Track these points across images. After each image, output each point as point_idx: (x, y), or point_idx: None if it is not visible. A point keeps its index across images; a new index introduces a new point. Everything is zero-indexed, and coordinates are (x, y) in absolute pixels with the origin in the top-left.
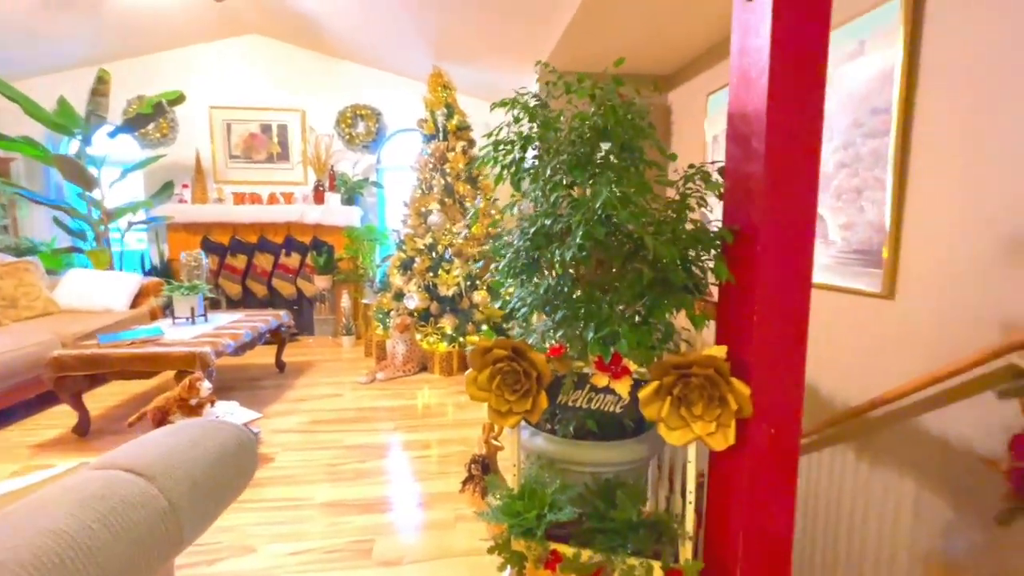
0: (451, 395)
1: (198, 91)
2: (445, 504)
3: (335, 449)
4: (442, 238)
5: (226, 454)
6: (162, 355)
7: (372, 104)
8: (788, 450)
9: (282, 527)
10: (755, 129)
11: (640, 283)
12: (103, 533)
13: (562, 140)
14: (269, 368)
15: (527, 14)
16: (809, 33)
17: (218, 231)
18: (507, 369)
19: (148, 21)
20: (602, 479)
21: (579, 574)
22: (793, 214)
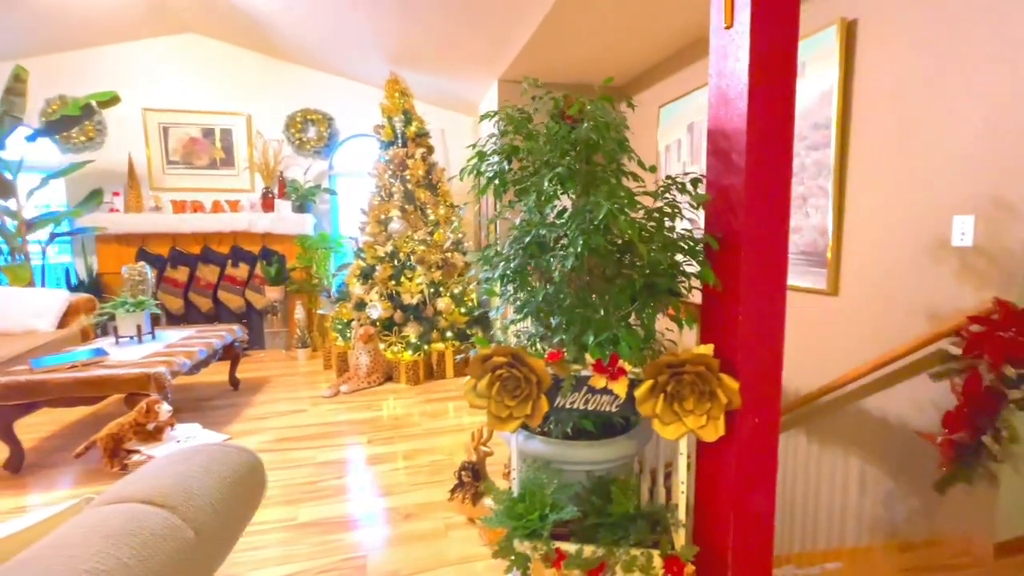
0: (419, 404)
1: (130, 92)
2: (433, 513)
3: (309, 467)
4: (403, 245)
5: (238, 478)
6: (111, 378)
7: (323, 109)
8: (770, 436)
9: (267, 551)
10: (735, 145)
11: (632, 288)
12: (139, 569)
13: (553, 153)
14: (222, 386)
15: (489, 27)
16: (782, 55)
17: (156, 242)
18: (507, 375)
19: (72, 15)
20: (595, 476)
21: (582, 569)
22: (772, 221)
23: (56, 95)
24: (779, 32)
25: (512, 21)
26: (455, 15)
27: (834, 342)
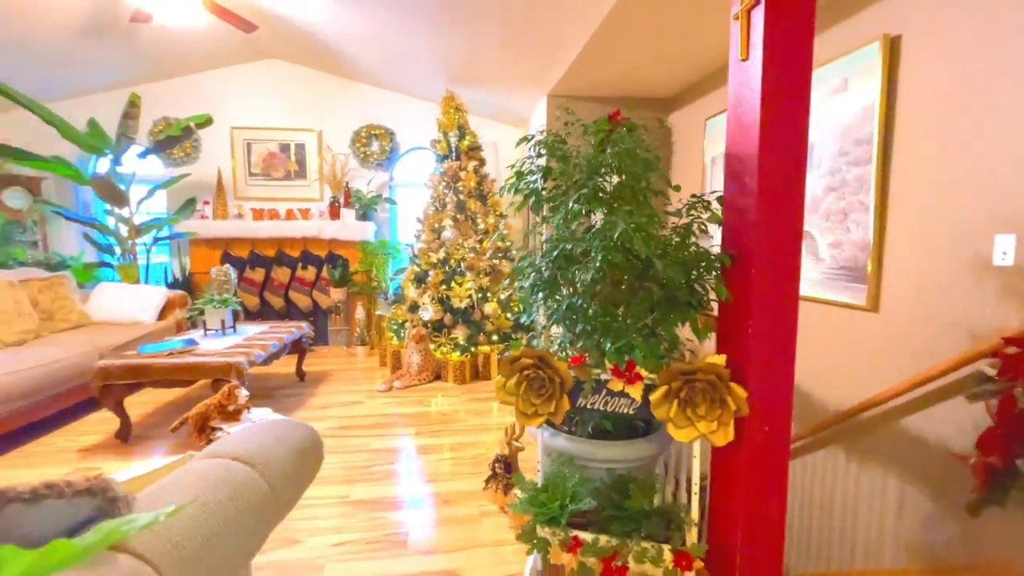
0: (464, 402)
1: (220, 112)
2: (469, 501)
3: (363, 452)
4: (455, 252)
5: (304, 448)
6: (200, 365)
7: (386, 124)
8: (780, 445)
9: (324, 521)
10: (748, 169)
11: (650, 300)
12: (231, 507)
13: (580, 174)
14: (290, 377)
15: (538, 47)
16: (793, 87)
17: (238, 245)
18: (533, 376)
19: (176, 47)
20: (616, 474)
21: (597, 557)
22: (782, 242)
23: (161, 117)
24: (791, 66)
25: (559, 42)
26: (506, 38)
27: (874, 359)
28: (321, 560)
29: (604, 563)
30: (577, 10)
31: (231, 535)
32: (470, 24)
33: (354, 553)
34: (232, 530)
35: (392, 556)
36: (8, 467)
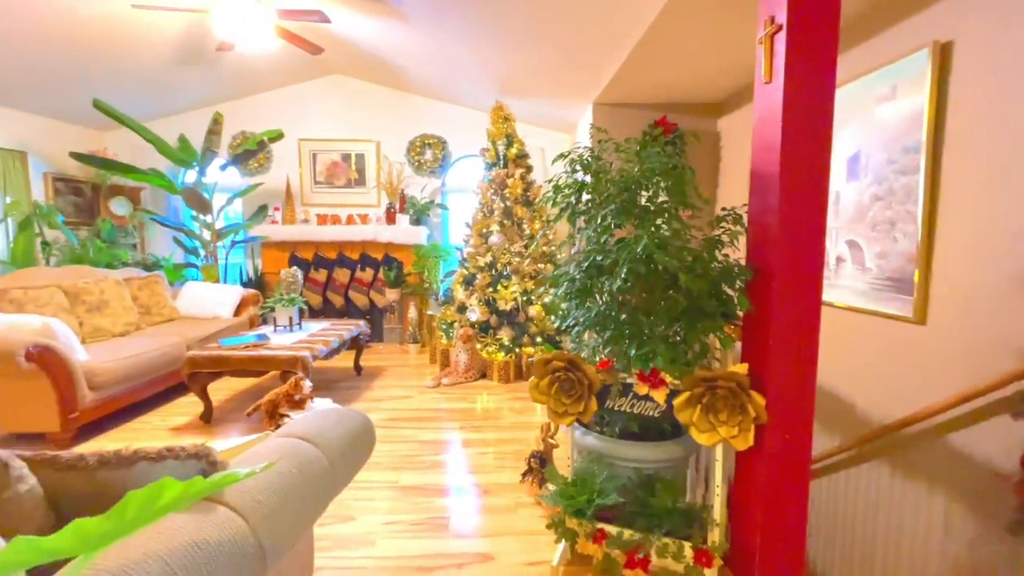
0: (508, 400)
1: (289, 125)
2: (507, 493)
3: (412, 443)
4: (501, 257)
5: (359, 432)
6: (271, 357)
7: (438, 133)
8: (801, 453)
9: (374, 503)
10: (770, 187)
11: (676, 310)
12: (299, 476)
13: (611, 189)
14: (348, 371)
15: (582, 60)
16: (815, 110)
17: (303, 248)
18: (564, 378)
19: (253, 69)
20: (644, 474)
21: (621, 549)
22: (803, 258)
23: (239, 131)
24: (812, 89)
25: (603, 55)
26: (551, 53)
27: (920, 372)
28: (372, 536)
29: (627, 555)
30: (620, 24)
31: (299, 499)
32: (517, 40)
33: (401, 532)
34: (300, 495)
35: (435, 537)
36: (115, 441)
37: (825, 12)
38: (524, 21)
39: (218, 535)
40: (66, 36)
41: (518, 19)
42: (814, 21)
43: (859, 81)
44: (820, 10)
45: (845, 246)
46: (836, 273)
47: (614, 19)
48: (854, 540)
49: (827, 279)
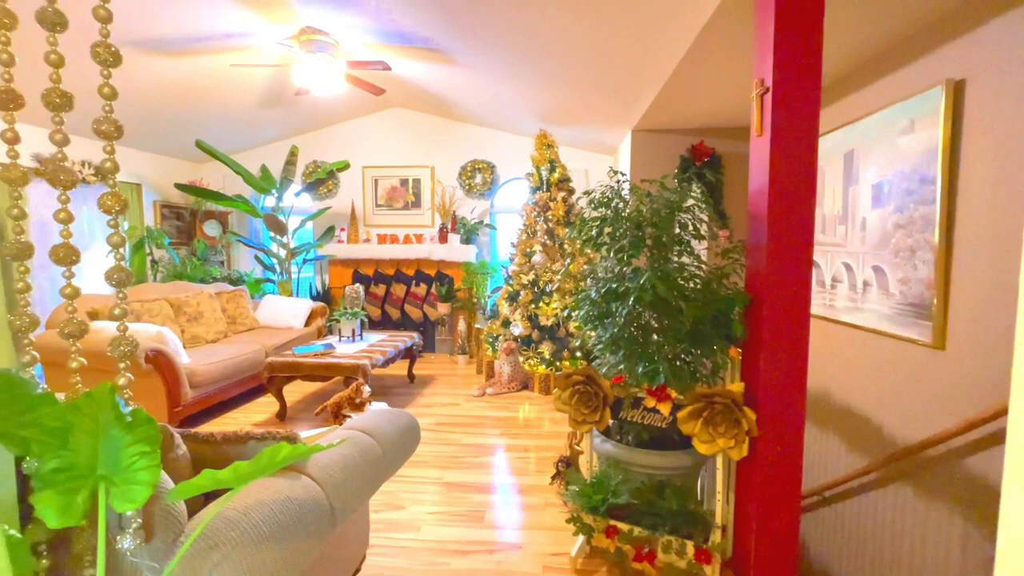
0: (548, 411)
1: (354, 154)
2: (537, 493)
3: (456, 445)
4: (543, 275)
5: (406, 429)
6: (337, 364)
7: (487, 158)
8: (792, 463)
9: (421, 495)
10: (760, 227)
11: (680, 332)
12: (361, 460)
13: (626, 224)
14: (402, 378)
15: (619, 92)
16: (799, 160)
17: (365, 265)
18: (582, 390)
19: (324, 107)
20: (656, 479)
21: (631, 544)
22: (788, 289)
23: (311, 161)
24: (796, 143)
25: (637, 88)
26: (589, 87)
27: (939, 397)
28: (418, 523)
29: (636, 550)
30: (651, 60)
31: (359, 476)
32: (556, 77)
33: (443, 521)
34: (359, 473)
35: (472, 527)
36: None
37: (807, 77)
38: (561, 61)
39: (303, 495)
40: (178, 88)
41: (556, 59)
42: (797, 85)
43: (881, 113)
44: (802, 76)
45: (871, 271)
46: (862, 297)
47: (645, 57)
48: (882, 561)
49: (853, 302)
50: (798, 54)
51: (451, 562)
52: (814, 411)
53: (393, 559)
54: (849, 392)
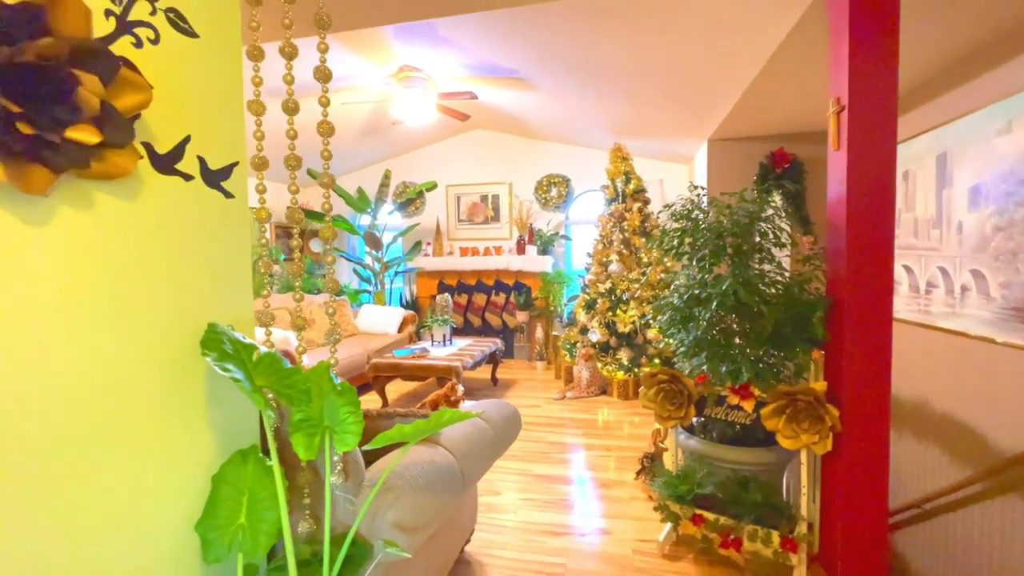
0: (626, 415)
1: (439, 174)
2: (622, 487)
3: (541, 443)
4: (620, 283)
5: (511, 416)
6: (433, 366)
7: (562, 172)
8: (876, 460)
9: (515, 483)
10: (840, 236)
11: (762, 335)
12: (478, 438)
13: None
14: (486, 381)
15: (693, 104)
16: (875, 174)
17: (449, 276)
18: (667, 388)
19: (413, 132)
20: (740, 475)
21: (716, 532)
22: (868, 294)
23: (401, 182)
24: (872, 157)
25: (712, 102)
26: (665, 100)
27: None
28: (513, 506)
29: (722, 537)
30: (728, 73)
31: (479, 450)
32: (629, 96)
33: (535, 506)
34: (478, 448)
35: (561, 512)
36: None
37: (883, 96)
38: (635, 79)
39: (441, 460)
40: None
41: (631, 77)
42: (872, 103)
43: (976, 114)
44: (878, 94)
45: (969, 275)
46: (960, 302)
47: (720, 73)
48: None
49: (950, 307)
50: (873, 73)
51: (546, 541)
52: (911, 420)
53: (495, 535)
54: (948, 400)
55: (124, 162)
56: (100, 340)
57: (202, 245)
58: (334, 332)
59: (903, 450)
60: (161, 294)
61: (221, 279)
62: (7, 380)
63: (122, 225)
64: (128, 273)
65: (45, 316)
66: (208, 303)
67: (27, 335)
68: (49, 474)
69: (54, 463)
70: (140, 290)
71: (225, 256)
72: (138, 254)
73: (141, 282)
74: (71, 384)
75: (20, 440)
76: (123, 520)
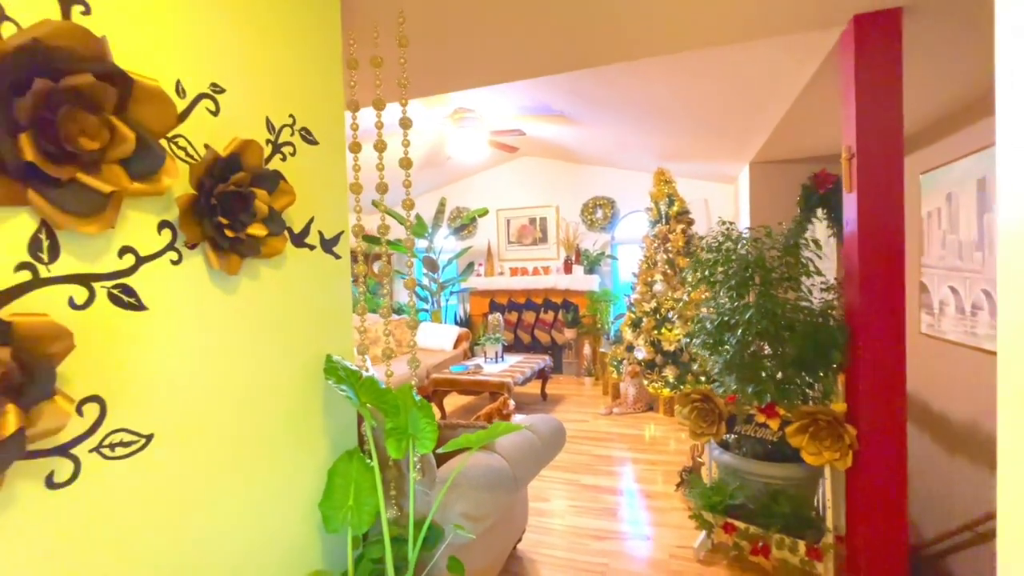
0: (673, 431)
1: (490, 199)
2: (663, 499)
3: (588, 456)
4: (665, 303)
5: (556, 429)
6: (487, 382)
7: (607, 194)
8: (895, 474)
9: (563, 491)
10: (853, 269)
11: (786, 360)
12: (526, 445)
13: (735, 266)
14: (535, 396)
15: (733, 132)
16: (883, 215)
17: (499, 295)
18: (700, 407)
19: (467, 163)
20: (771, 488)
21: (747, 540)
22: (881, 319)
23: (454, 207)
24: (881, 200)
25: (749, 132)
26: (704, 131)
27: None
28: (561, 512)
29: (752, 544)
30: (761, 109)
31: (528, 457)
32: (670, 124)
33: (581, 512)
34: (528, 456)
35: (606, 519)
36: None
37: (889, 144)
38: (676, 113)
39: (497, 464)
40: None
41: (672, 112)
42: (879, 152)
43: None
44: (884, 143)
45: None
46: None
47: (753, 108)
48: None
49: (995, 329)
50: (879, 124)
51: (590, 543)
52: (964, 441)
53: (544, 536)
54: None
55: (279, 244)
56: (259, 367)
57: (320, 296)
58: (414, 361)
59: (957, 472)
60: (295, 333)
61: (331, 319)
62: (216, 394)
63: (273, 288)
64: (275, 320)
65: (233, 354)
66: (323, 338)
67: (224, 366)
68: (227, 460)
69: (230, 451)
70: (282, 331)
71: (335, 302)
72: (281, 306)
73: (283, 325)
74: (244, 397)
75: (216, 436)
76: (275, 494)
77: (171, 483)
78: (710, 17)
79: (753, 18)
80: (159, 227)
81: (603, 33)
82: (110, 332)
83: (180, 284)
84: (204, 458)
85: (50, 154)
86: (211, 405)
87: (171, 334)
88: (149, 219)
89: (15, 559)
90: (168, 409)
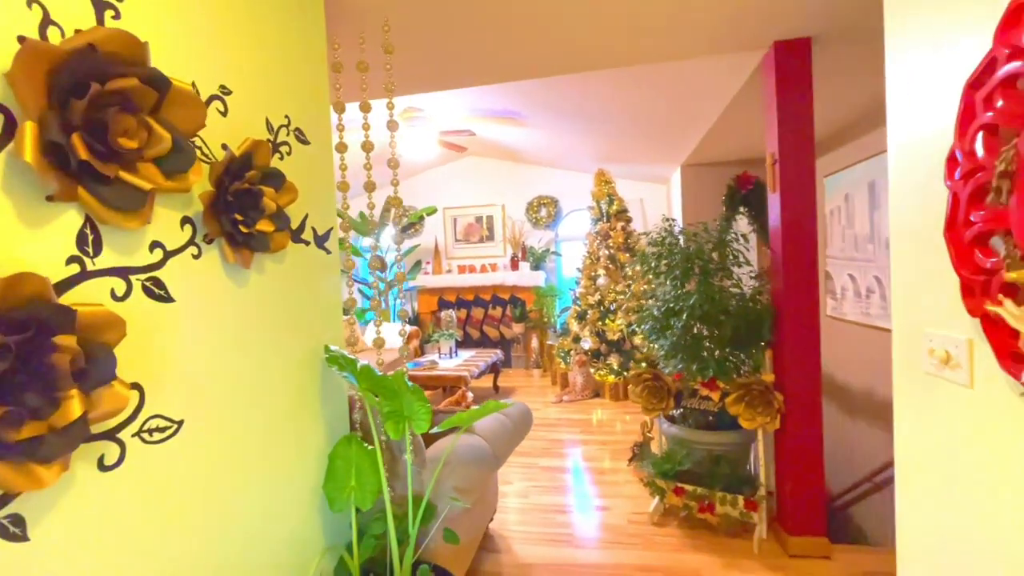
0: (618, 415)
1: (438, 198)
2: (616, 474)
3: (544, 441)
4: (607, 295)
5: (525, 413)
6: (445, 376)
7: (551, 194)
8: (812, 433)
9: (524, 474)
10: (778, 259)
11: (724, 339)
12: (502, 430)
13: (677, 258)
14: (488, 389)
15: (666, 139)
16: (800, 212)
17: (448, 293)
18: (651, 385)
19: (414, 162)
20: (713, 454)
21: (695, 501)
22: (800, 303)
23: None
24: (800, 198)
25: (682, 137)
26: (640, 136)
27: None
28: (524, 491)
29: (699, 504)
30: (692, 119)
31: (504, 437)
32: (613, 128)
33: (542, 491)
34: (503, 436)
35: (563, 495)
36: None
37: (803, 152)
38: (615, 119)
39: (478, 444)
40: None
41: (611, 117)
42: (796, 158)
43: None
44: (799, 151)
45: None
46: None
47: (685, 117)
48: None
49: (884, 310)
50: (795, 134)
51: (555, 517)
52: (863, 406)
53: (511, 515)
54: (890, 390)
55: (283, 240)
56: (267, 356)
57: (314, 288)
58: (404, 351)
59: (859, 432)
60: (295, 324)
61: (325, 311)
62: (233, 383)
63: (278, 281)
64: (276, 311)
65: (245, 343)
66: (318, 328)
67: (238, 355)
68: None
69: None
70: (283, 322)
71: (327, 295)
72: (282, 299)
73: (283, 316)
74: (256, 386)
75: (232, 422)
76: (285, 477)
77: (199, 467)
78: (651, 38)
79: (690, 40)
80: (182, 223)
81: (557, 48)
82: (146, 322)
83: (200, 277)
84: (228, 443)
85: (99, 153)
86: (228, 393)
87: (194, 324)
88: (173, 215)
89: (75, 537)
90: (195, 397)
